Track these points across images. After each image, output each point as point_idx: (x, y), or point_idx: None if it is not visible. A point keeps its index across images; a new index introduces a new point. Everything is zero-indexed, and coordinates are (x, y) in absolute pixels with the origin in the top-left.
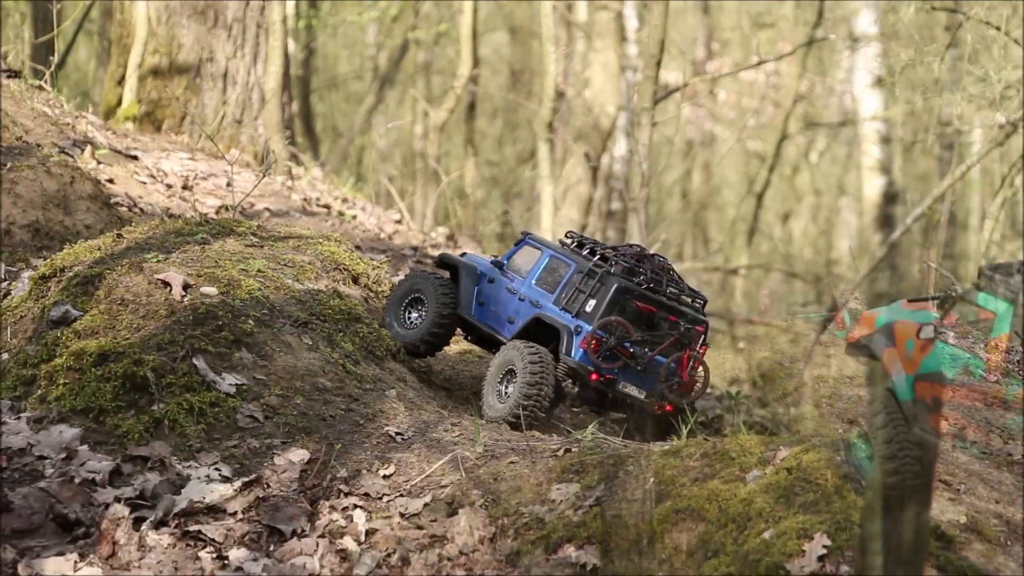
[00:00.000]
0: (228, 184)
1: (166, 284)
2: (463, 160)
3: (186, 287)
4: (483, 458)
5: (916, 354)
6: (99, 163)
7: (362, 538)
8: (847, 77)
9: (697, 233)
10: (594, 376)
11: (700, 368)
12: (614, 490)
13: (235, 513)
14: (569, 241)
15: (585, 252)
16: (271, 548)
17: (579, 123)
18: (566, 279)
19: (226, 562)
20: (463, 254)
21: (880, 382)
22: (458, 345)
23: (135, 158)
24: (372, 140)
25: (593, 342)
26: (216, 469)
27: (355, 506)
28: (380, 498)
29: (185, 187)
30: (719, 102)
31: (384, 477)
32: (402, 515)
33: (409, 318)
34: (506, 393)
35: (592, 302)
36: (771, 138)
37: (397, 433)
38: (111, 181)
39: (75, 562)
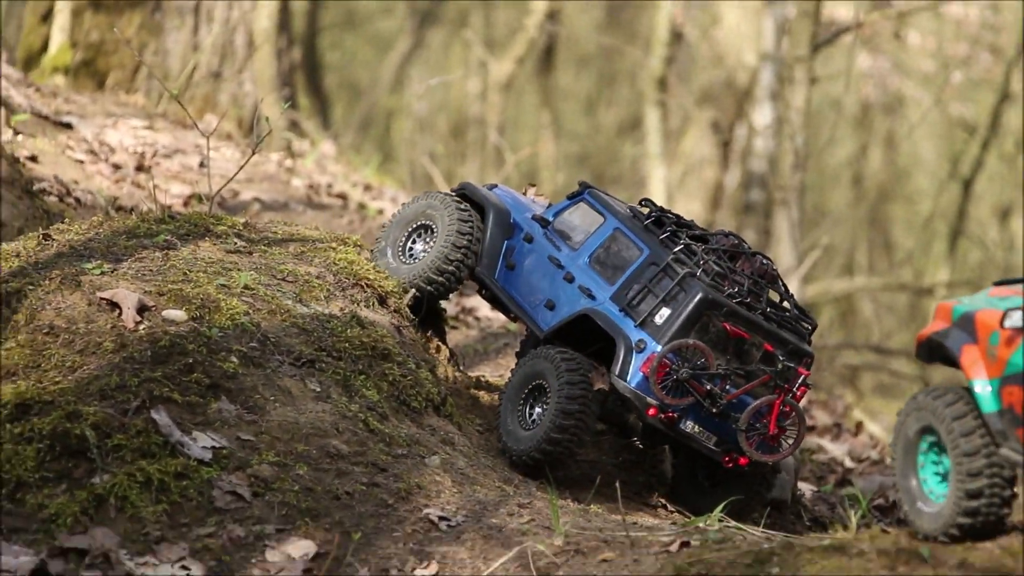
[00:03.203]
0: (202, 164)
1: (114, 306)
2: (537, 131)
3: (142, 310)
4: (563, 554)
5: (1002, 350)
6: (17, 133)
7: None
8: None
9: (875, 236)
10: (652, 412)
11: (794, 417)
12: None
13: None
14: (645, 211)
15: (663, 235)
16: None
17: (704, 79)
18: (633, 269)
19: None
20: (493, 186)
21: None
22: None
23: (68, 127)
24: (406, 103)
25: (659, 368)
26: (183, 567)
27: None
28: None
29: (140, 168)
30: (909, 48)
31: None
32: None
33: (410, 250)
34: (532, 418)
35: (665, 312)
36: (985, 100)
37: (441, 517)
38: (34, 159)
39: None
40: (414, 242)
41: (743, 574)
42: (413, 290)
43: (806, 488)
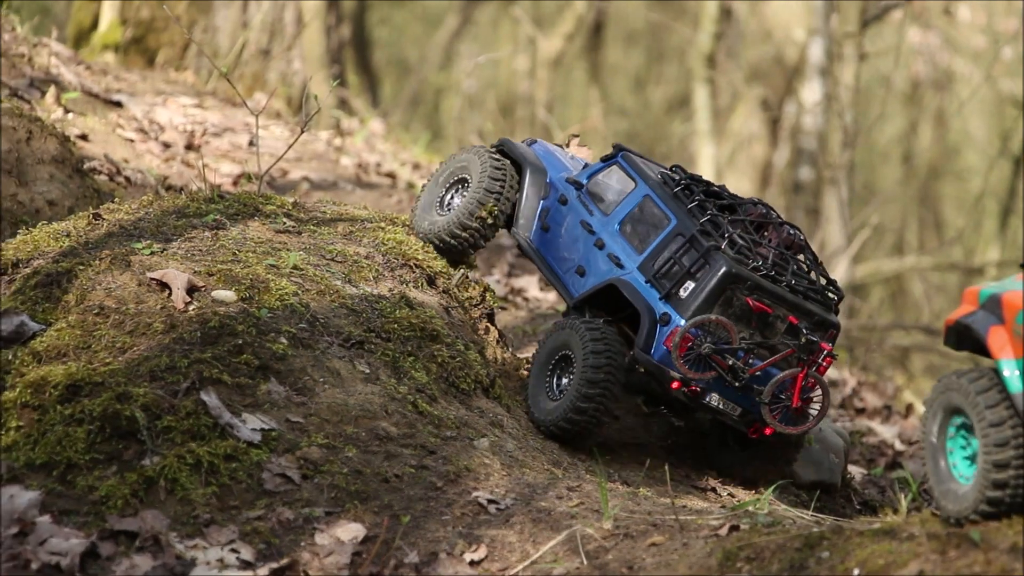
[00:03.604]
0: (251, 143)
1: (163, 286)
2: (585, 108)
3: (192, 290)
4: (612, 538)
5: None
6: (67, 112)
7: None
8: None
9: (925, 215)
10: (675, 385)
11: (817, 390)
12: None
13: None
14: (676, 178)
15: (692, 204)
16: None
17: (753, 56)
18: (660, 239)
19: None
20: (532, 141)
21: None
22: None
23: (118, 105)
24: (455, 80)
25: (681, 343)
26: (233, 551)
27: None
28: None
29: (190, 147)
30: (959, 24)
31: (472, 563)
32: None
33: (448, 203)
34: (558, 388)
35: (689, 285)
36: None
37: (490, 500)
38: (84, 138)
39: None
40: (452, 196)
41: (793, 558)
42: (462, 269)
43: (856, 471)
